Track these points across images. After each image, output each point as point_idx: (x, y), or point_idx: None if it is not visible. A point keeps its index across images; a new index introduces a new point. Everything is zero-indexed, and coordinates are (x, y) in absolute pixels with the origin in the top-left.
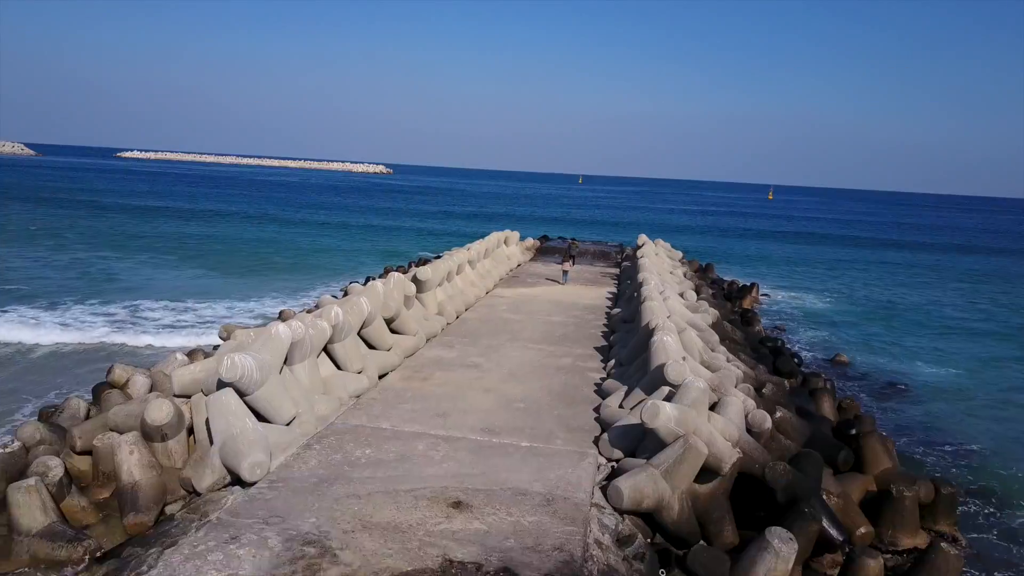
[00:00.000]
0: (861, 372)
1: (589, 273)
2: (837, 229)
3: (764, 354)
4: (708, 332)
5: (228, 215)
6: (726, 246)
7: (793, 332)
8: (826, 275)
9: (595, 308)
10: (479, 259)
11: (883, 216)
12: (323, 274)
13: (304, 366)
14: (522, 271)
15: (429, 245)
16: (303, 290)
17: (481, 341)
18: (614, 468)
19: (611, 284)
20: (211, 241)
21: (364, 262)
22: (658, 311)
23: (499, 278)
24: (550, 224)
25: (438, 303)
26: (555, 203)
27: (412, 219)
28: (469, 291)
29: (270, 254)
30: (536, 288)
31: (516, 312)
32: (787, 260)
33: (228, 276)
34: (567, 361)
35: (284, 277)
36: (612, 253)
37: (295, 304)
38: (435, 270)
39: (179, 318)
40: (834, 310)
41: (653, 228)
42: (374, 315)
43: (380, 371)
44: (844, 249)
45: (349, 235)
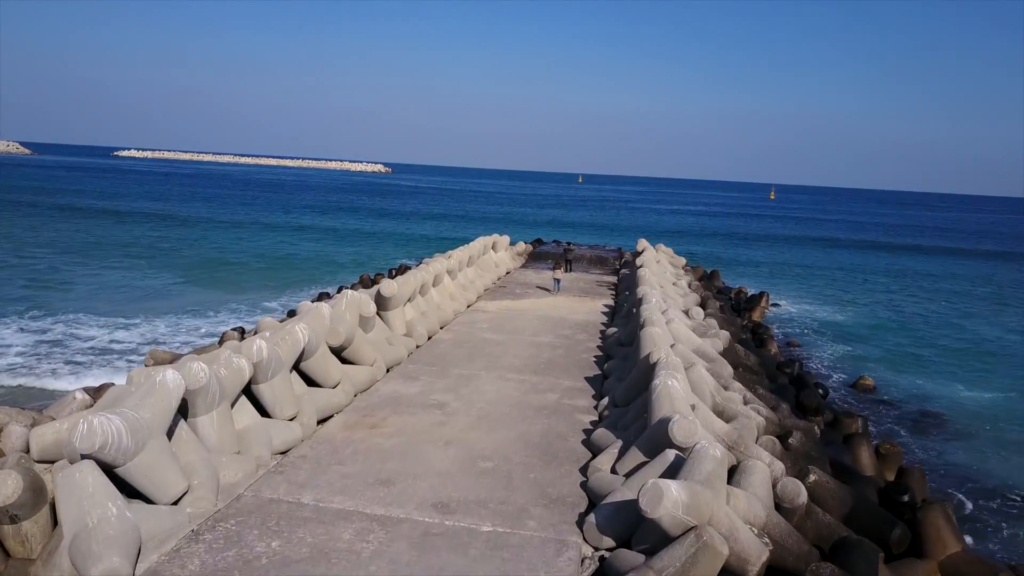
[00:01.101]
0: (890, 398)
1: (584, 282)
2: (846, 232)
3: (783, 384)
4: (719, 362)
5: (211, 218)
6: (731, 250)
7: (809, 348)
8: (839, 282)
9: (588, 326)
10: (461, 268)
11: (891, 217)
12: (297, 284)
13: (211, 419)
14: (511, 280)
15: (416, 251)
16: (268, 301)
17: (452, 370)
18: (603, 561)
19: (608, 295)
20: (185, 246)
21: (345, 268)
22: (660, 340)
23: (484, 288)
24: (546, 227)
25: (407, 322)
26: (553, 204)
27: (404, 222)
28: (447, 306)
29: (246, 260)
30: (524, 300)
31: (498, 331)
32: (795, 266)
33: (192, 286)
34: (552, 398)
35: (253, 287)
36: (610, 259)
37: (251, 320)
38: (403, 284)
39: (114, 337)
40: (851, 322)
41: (654, 231)
42: (316, 344)
43: (322, 414)
44: (856, 253)
45: (335, 240)
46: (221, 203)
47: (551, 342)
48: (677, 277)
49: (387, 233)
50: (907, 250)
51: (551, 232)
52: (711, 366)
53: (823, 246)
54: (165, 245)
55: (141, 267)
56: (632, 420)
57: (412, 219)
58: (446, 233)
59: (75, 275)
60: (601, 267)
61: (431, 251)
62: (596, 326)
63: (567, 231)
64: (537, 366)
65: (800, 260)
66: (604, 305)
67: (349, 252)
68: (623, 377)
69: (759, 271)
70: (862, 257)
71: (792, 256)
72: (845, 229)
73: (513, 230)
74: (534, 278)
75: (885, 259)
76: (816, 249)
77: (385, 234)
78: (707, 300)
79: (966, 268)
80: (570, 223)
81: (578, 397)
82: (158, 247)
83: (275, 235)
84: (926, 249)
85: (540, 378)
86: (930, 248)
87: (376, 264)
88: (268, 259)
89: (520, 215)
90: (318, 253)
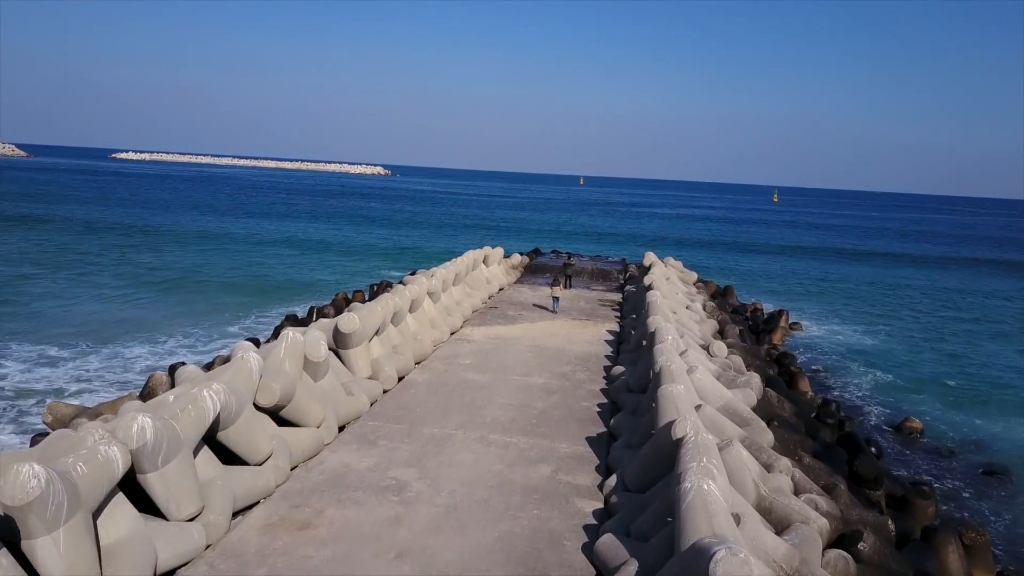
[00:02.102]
0: (944, 444)
1: (586, 300)
2: (861, 239)
3: (828, 443)
4: (755, 426)
5: (186, 226)
6: (740, 261)
7: (839, 378)
8: (862, 297)
9: (590, 360)
10: (446, 288)
11: (904, 223)
12: (268, 302)
13: (55, 540)
14: (504, 298)
15: (406, 263)
16: (230, 325)
17: (422, 428)
18: None
19: (612, 318)
20: (154, 257)
21: (324, 283)
22: (683, 404)
23: (473, 310)
24: (545, 236)
25: (373, 361)
26: (553, 208)
27: (396, 230)
28: (426, 336)
29: (217, 274)
30: (517, 325)
31: (483, 369)
32: (812, 278)
33: (150, 305)
34: (544, 472)
35: (218, 306)
36: (613, 272)
37: (204, 353)
38: (368, 316)
39: (35, 376)
40: (883, 346)
41: (658, 240)
42: (237, 409)
43: (243, 502)
44: (877, 265)
45: (320, 251)
46: (204, 210)
47: (546, 384)
48: (690, 297)
49: (377, 243)
50: (934, 263)
51: (550, 241)
52: (747, 434)
53: (840, 256)
54: (132, 256)
55: (97, 283)
56: (651, 526)
57: (405, 227)
58: (439, 243)
59: (15, 292)
60: (604, 282)
61: (422, 262)
62: (599, 360)
63: (567, 240)
64: (527, 421)
65: (816, 272)
66: (608, 331)
67: (332, 265)
68: (634, 442)
69: (772, 284)
70: (884, 269)
71: (807, 267)
72: (859, 236)
73: (510, 238)
74: (529, 296)
75: (909, 271)
76: (832, 259)
77: (374, 244)
78: (725, 325)
79: (1000, 282)
80: (570, 231)
81: (578, 470)
82: (125, 259)
83: (255, 245)
84: (954, 260)
85: (530, 440)
86: (958, 259)
87: (360, 279)
88: (242, 273)
89: (519, 221)
90: (298, 266)
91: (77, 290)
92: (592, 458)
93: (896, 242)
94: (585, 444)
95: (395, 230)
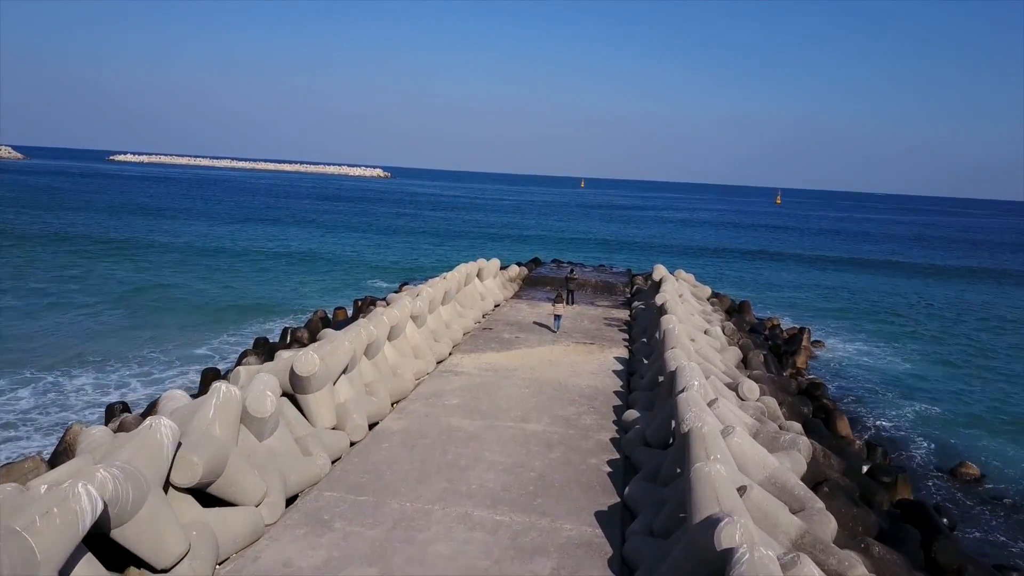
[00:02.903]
0: (1008, 495)
1: (590, 318)
2: (877, 246)
3: (889, 510)
4: (812, 509)
5: (178, 234)
6: (748, 269)
7: (875, 409)
8: (885, 310)
9: (597, 398)
10: (434, 308)
11: (916, 227)
12: (241, 321)
13: None
14: (500, 316)
15: (396, 274)
16: (196, 347)
17: (390, 502)
18: None
19: (620, 340)
20: (134, 269)
21: (308, 298)
22: (723, 488)
23: (464, 332)
24: (546, 243)
25: (338, 406)
26: (554, 213)
27: (391, 237)
28: (407, 368)
29: (193, 289)
30: (514, 352)
31: (471, 411)
32: (828, 288)
33: (109, 327)
34: (543, 572)
35: (185, 328)
36: (618, 285)
37: (159, 382)
38: (332, 353)
39: None
40: (919, 371)
41: (663, 249)
42: (134, 501)
43: None
44: (896, 274)
45: (309, 261)
46: (191, 216)
47: (546, 433)
48: (706, 316)
49: (367, 252)
50: (955, 273)
51: (550, 249)
52: (806, 525)
53: (854, 265)
54: (104, 269)
55: (59, 300)
56: None
57: (399, 234)
58: (434, 252)
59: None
60: (608, 296)
61: (415, 273)
62: (608, 397)
63: (568, 248)
64: (523, 488)
65: (831, 280)
66: (616, 359)
67: (319, 276)
68: (658, 529)
69: (784, 294)
70: (903, 279)
71: (821, 276)
72: (872, 242)
73: (509, 247)
74: (528, 313)
75: (931, 281)
76: (847, 267)
77: (365, 253)
78: (748, 351)
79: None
80: (571, 239)
81: (586, 565)
82: (94, 272)
83: (237, 256)
84: (979, 272)
85: (526, 517)
86: (980, 270)
87: (347, 292)
88: (220, 286)
89: (518, 227)
90: (282, 278)
91: (34, 307)
92: (604, 546)
93: (913, 249)
94: (595, 523)
95: (388, 237)
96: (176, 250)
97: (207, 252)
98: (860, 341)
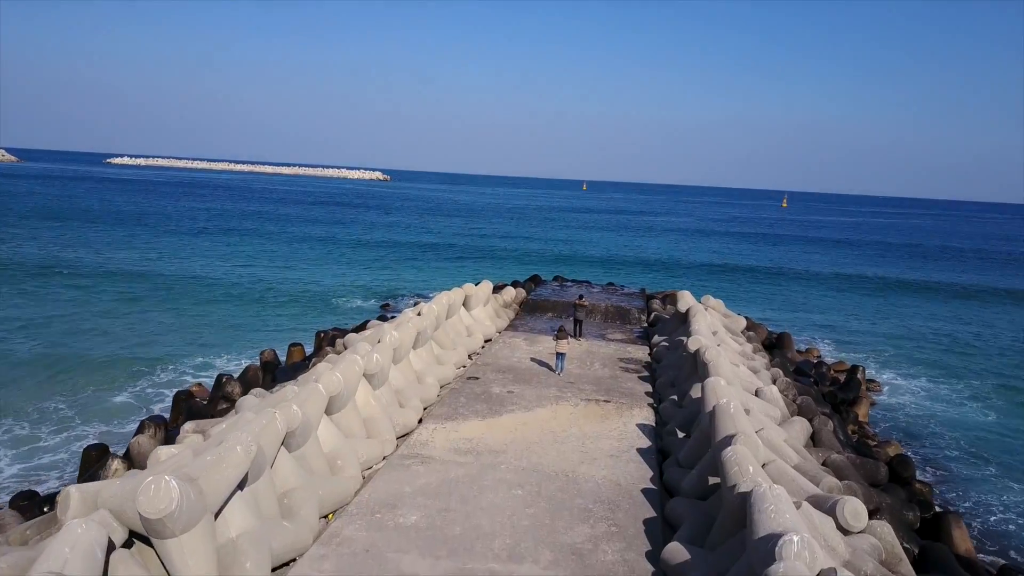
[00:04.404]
0: None
1: (602, 359)
2: (905, 259)
3: None
4: None
5: (135, 251)
6: (766, 284)
7: (973, 490)
8: (939, 340)
9: (620, 505)
10: (399, 358)
11: (944, 235)
12: (177, 362)
13: None
14: (490, 357)
15: (377, 293)
16: (114, 395)
17: None
18: None
19: (641, 394)
20: (48, 298)
21: (263, 331)
22: None
23: (442, 385)
24: (545, 257)
25: (221, 549)
26: (556, 221)
27: (378, 252)
28: (348, 461)
29: (123, 328)
30: (503, 418)
31: (433, 543)
32: (865, 311)
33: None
34: None
35: (93, 381)
36: (633, 311)
37: (21, 477)
38: (214, 472)
39: None
40: (1013, 423)
41: (676, 267)
42: None
43: None
44: (935, 295)
45: (279, 284)
46: (163, 228)
47: None
48: (747, 360)
49: (350, 267)
50: (1008, 295)
51: (551, 264)
52: None
53: (890, 285)
54: (13, 302)
55: None
56: None
57: (391, 249)
58: (421, 271)
59: None
60: (622, 325)
61: (398, 293)
62: (636, 505)
63: (571, 263)
64: None
65: (867, 302)
66: (640, 427)
67: (287, 297)
68: None
69: (812, 315)
70: (942, 302)
71: (854, 297)
72: (898, 254)
73: (506, 259)
74: (525, 351)
75: (983, 305)
76: (881, 287)
77: (347, 268)
78: (812, 417)
79: None
80: (574, 254)
81: None
82: (40, 294)
83: (194, 278)
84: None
85: None
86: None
87: (316, 318)
88: (161, 315)
89: (517, 236)
90: (242, 305)
91: None
92: None
93: (943, 261)
94: None
95: (373, 252)
96: (120, 275)
97: (161, 282)
98: (922, 377)
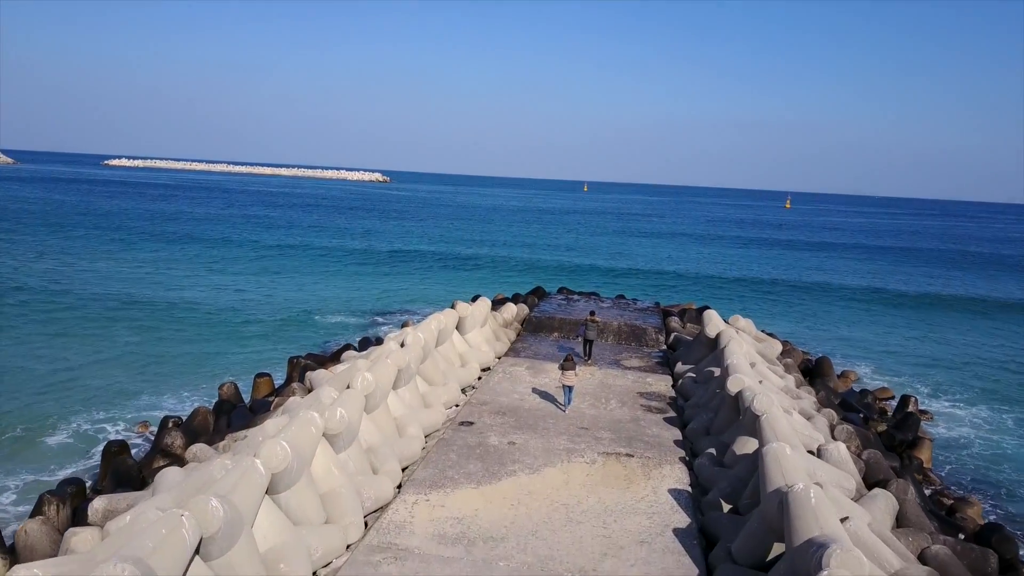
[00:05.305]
0: None
1: (619, 393)
2: (923, 266)
3: None
4: None
5: (109, 264)
6: (782, 293)
7: None
8: (988, 360)
9: None
10: (373, 407)
11: (963, 240)
12: (118, 400)
13: None
14: (488, 393)
15: (363, 309)
16: (44, 441)
17: None
18: None
19: (670, 443)
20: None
21: (227, 359)
22: None
23: (428, 434)
24: (548, 266)
25: None
26: (558, 224)
27: (366, 265)
28: (295, 559)
29: (66, 355)
30: (502, 484)
31: None
32: (898, 329)
33: None
34: None
35: (40, 423)
36: (650, 330)
37: None
38: None
39: None
40: None
41: (689, 279)
42: None
43: None
44: (968, 310)
45: (256, 304)
46: (144, 237)
47: None
48: (792, 397)
49: (342, 281)
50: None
51: (555, 274)
52: None
53: (924, 301)
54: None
55: None
56: None
57: (386, 262)
58: (416, 284)
59: None
60: (638, 347)
61: (390, 303)
62: None
63: (577, 273)
64: None
65: (895, 313)
66: (674, 495)
67: (265, 320)
68: None
69: (840, 330)
70: (984, 315)
71: (888, 312)
72: (916, 260)
73: (507, 269)
74: (528, 381)
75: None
76: (911, 302)
77: (334, 279)
78: (877, 469)
79: None
80: (578, 263)
81: None
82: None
83: (163, 295)
84: None
85: None
86: None
87: (294, 340)
88: (86, 361)
89: (518, 243)
90: (213, 326)
91: None
92: None
93: (972, 270)
94: None
95: (366, 260)
96: (70, 299)
97: (133, 305)
98: (981, 405)
